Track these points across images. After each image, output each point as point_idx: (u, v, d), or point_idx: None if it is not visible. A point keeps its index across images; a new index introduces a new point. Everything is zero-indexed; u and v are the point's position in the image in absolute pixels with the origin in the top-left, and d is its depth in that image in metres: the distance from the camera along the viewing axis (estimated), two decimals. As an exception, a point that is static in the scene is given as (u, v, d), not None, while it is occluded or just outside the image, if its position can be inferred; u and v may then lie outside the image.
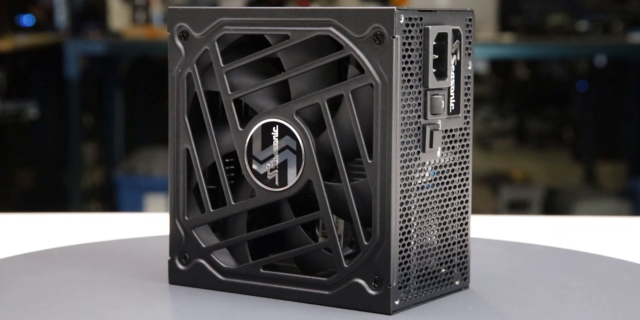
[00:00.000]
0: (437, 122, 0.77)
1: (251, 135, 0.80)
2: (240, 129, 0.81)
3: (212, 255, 0.82)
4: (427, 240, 0.78)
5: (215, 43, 0.81)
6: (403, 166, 0.75)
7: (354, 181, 0.76)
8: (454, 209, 0.80)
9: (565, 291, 0.83)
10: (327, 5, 3.47)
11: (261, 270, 0.80)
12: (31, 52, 3.74)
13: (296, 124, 0.78)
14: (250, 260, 0.81)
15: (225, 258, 0.82)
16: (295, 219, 0.79)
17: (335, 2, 3.52)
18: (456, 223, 0.81)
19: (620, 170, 3.98)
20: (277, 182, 0.79)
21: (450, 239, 0.80)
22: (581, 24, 3.66)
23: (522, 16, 3.85)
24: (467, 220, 0.82)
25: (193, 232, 0.83)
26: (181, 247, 0.84)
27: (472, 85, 0.80)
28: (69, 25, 3.68)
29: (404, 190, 0.76)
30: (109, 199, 3.61)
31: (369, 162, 0.75)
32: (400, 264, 0.76)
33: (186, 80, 0.83)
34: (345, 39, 0.75)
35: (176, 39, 0.83)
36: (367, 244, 0.75)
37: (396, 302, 0.76)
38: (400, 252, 0.76)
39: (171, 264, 0.84)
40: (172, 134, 0.84)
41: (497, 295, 0.81)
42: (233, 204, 0.82)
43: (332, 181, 0.78)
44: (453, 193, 0.80)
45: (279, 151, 0.79)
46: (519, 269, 0.90)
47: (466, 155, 0.81)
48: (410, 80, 0.75)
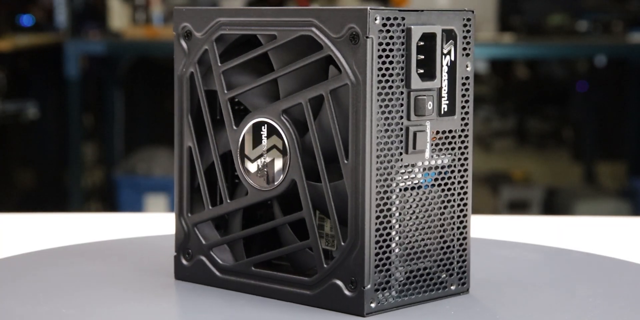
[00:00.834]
0: (424, 124, 0.76)
1: (243, 134, 0.81)
2: (234, 128, 0.81)
3: (211, 252, 0.83)
4: (417, 242, 0.77)
5: (214, 43, 0.82)
6: (380, 167, 0.74)
7: (337, 181, 0.76)
8: (452, 212, 0.79)
9: (565, 291, 0.83)
10: (324, 5, 3.47)
11: (252, 268, 0.81)
12: (31, 52, 3.74)
13: (282, 124, 0.78)
14: (245, 258, 0.82)
15: (225, 255, 0.83)
16: (282, 218, 0.80)
17: (334, 2, 3.52)
18: (454, 226, 0.80)
19: (620, 170, 3.98)
20: (266, 181, 0.80)
21: (448, 242, 0.79)
22: (581, 24, 3.66)
23: (522, 16, 3.85)
24: (467, 224, 0.81)
25: (195, 229, 0.84)
26: (185, 244, 0.84)
27: (471, 87, 0.79)
28: (69, 25, 3.68)
29: (383, 192, 0.75)
30: (109, 199, 3.61)
31: (345, 162, 0.75)
32: (377, 266, 0.75)
33: (189, 80, 0.83)
34: (325, 39, 0.75)
35: (180, 39, 0.83)
36: (343, 244, 0.75)
37: (372, 305, 0.75)
38: (377, 253, 0.75)
39: (176, 259, 0.85)
40: (177, 133, 0.84)
41: (494, 300, 0.80)
42: (229, 202, 0.82)
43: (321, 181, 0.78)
44: (450, 195, 0.79)
45: (267, 150, 0.79)
46: (519, 271, 0.90)
47: (465, 158, 0.80)
48: (389, 80, 0.74)
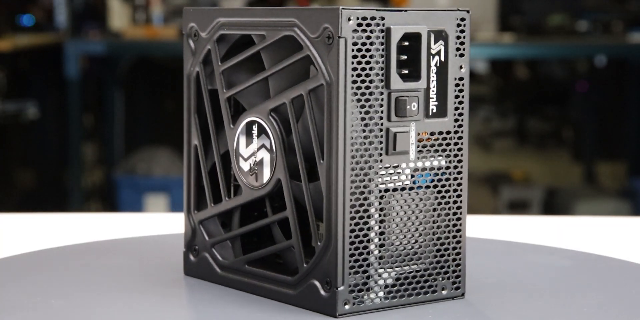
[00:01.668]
0: (407, 125, 0.75)
1: (238, 133, 0.81)
2: (231, 127, 0.82)
3: (213, 249, 0.84)
4: (407, 245, 0.77)
5: (215, 43, 0.82)
6: (356, 168, 0.74)
7: (317, 181, 0.76)
8: (445, 215, 0.78)
9: (564, 292, 0.83)
10: (324, 5, 3.47)
11: (246, 266, 0.81)
12: (31, 52, 3.74)
13: (270, 123, 0.79)
14: (241, 255, 0.82)
15: (227, 252, 0.83)
16: (271, 217, 0.80)
17: (335, 1, 3.52)
18: (447, 229, 0.78)
19: (620, 170, 3.98)
20: (256, 180, 0.80)
21: (440, 245, 0.78)
22: (581, 24, 3.66)
23: (522, 16, 3.85)
24: (461, 228, 0.79)
25: (200, 226, 0.85)
26: (192, 241, 0.85)
27: (466, 88, 0.78)
28: (69, 25, 3.68)
29: (359, 192, 0.74)
30: (109, 199, 3.61)
31: (321, 162, 0.75)
32: (352, 267, 0.74)
33: (195, 79, 0.84)
34: (305, 39, 0.75)
35: (188, 39, 0.84)
36: (319, 244, 0.75)
37: (346, 306, 0.74)
38: (352, 255, 0.74)
39: (185, 255, 0.86)
40: (185, 131, 0.85)
41: (486, 306, 0.79)
42: (227, 200, 0.83)
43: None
44: (442, 198, 0.78)
45: (257, 149, 0.80)
46: (517, 272, 0.90)
47: (459, 160, 0.78)
48: (366, 80, 0.74)
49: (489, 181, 3.75)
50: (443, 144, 0.78)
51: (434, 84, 0.77)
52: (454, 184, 0.78)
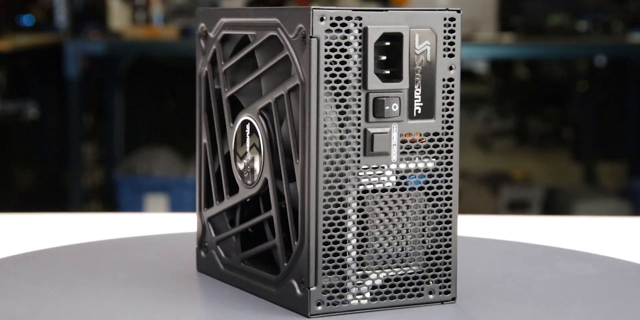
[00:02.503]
0: (388, 126, 0.75)
1: (235, 132, 0.81)
2: (231, 125, 0.82)
3: (218, 246, 0.84)
4: (393, 247, 0.76)
5: (219, 43, 0.83)
6: (330, 168, 0.73)
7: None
8: (434, 217, 0.77)
9: (563, 293, 0.83)
10: (325, 5, 3.46)
11: (242, 264, 0.82)
12: (31, 52, 3.74)
13: (259, 122, 0.79)
14: (239, 253, 0.83)
15: (231, 250, 0.84)
16: (259, 216, 0.80)
17: (335, 2, 3.52)
18: (436, 232, 0.77)
19: (620, 170, 3.98)
20: (249, 179, 0.80)
21: (428, 248, 0.77)
22: (581, 24, 3.67)
23: (522, 16, 3.85)
24: (451, 231, 0.77)
25: (209, 223, 0.85)
26: (202, 237, 0.86)
27: (456, 89, 0.77)
28: (69, 25, 3.69)
29: (334, 193, 0.74)
30: (109, 199, 3.61)
31: (297, 162, 0.75)
32: (326, 267, 0.74)
33: (205, 79, 0.85)
34: (285, 40, 0.75)
35: (200, 39, 0.85)
36: (296, 244, 0.75)
37: (318, 307, 0.74)
38: (326, 255, 0.74)
39: (197, 252, 0.87)
40: (197, 130, 0.85)
41: (474, 310, 0.78)
42: (227, 198, 0.84)
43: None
44: (429, 200, 0.77)
45: (249, 148, 0.80)
46: (515, 274, 0.90)
47: (448, 162, 0.77)
48: (341, 81, 0.73)
49: (489, 181, 3.75)
50: (430, 146, 0.76)
51: (418, 85, 0.76)
52: (443, 187, 0.77)
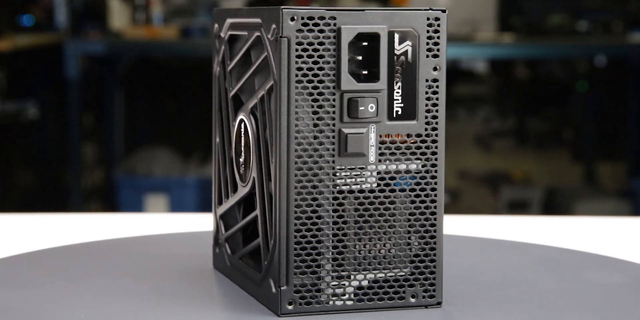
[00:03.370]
0: (365, 126, 0.74)
1: (236, 131, 0.82)
2: (233, 124, 0.83)
3: (226, 243, 0.85)
4: (361, 248, 0.75)
5: (227, 43, 0.83)
6: (302, 168, 0.73)
7: None
8: (418, 220, 0.76)
9: (563, 293, 0.83)
10: (325, 5, 3.47)
11: (240, 261, 0.82)
12: (31, 52, 3.74)
13: (250, 121, 0.79)
14: (240, 250, 0.83)
15: (236, 247, 0.85)
16: (249, 215, 0.81)
17: (335, 2, 3.52)
18: (419, 235, 0.76)
19: (620, 170, 3.98)
20: (243, 178, 0.81)
21: (410, 251, 0.76)
22: (581, 24, 3.67)
23: (522, 16, 3.85)
24: (436, 234, 0.76)
25: (221, 220, 0.86)
26: (216, 235, 0.87)
27: (441, 89, 0.75)
28: (69, 25, 3.68)
29: (306, 193, 0.73)
30: (109, 199, 3.61)
31: (272, 162, 0.75)
32: (298, 267, 0.74)
33: (217, 78, 0.86)
34: (265, 40, 0.75)
35: (215, 39, 0.86)
36: (272, 243, 0.75)
37: (289, 307, 0.74)
38: (298, 255, 0.74)
39: (212, 248, 0.88)
40: (213, 129, 0.86)
41: (456, 315, 0.76)
42: (232, 196, 0.84)
43: None
44: (411, 202, 0.75)
45: (244, 147, 0.80)
46: (514, 275, 0.90)
47: (432, 164, 0.75)
48: (314, 81, 0.73)
49: (489, 181, 3.75)
50: (412, 147, 0.75)
51: (399, 86, 0.75)
52: (427, 189, 0.76)
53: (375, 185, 0.75)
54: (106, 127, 3.72)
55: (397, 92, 0.75)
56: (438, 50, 0.75)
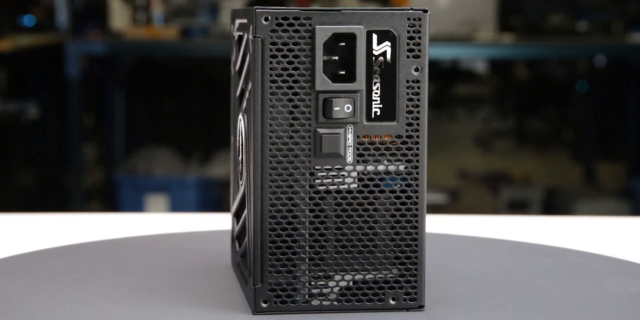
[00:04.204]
0: (342, 126, 0.74)
1: (238, 130, 0.82)
2: (237, 124, 0.83)
3: (235, 241, 0.85)
4: (343, 250, 0.75)
5: (237, 43, 0.84)
6: (277, 167, 0.73)
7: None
8: (396, 222, 0.75)
9: (561, 293, 0.83)
10: (325, 5, 3.47)
11: (241, 259, 0.82)
12: (31, 52, 3.74)
13: (243, 121, 0.79)
14: (240, 248, 0.84)
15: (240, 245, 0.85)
16: (243, 214, 0.81)
17: (336, 2, 3.52)
18: (399, 237, 0.75)
19: (620, 170, 3.98)
20: (241, 177, 0.81)
21: (390, 253, 0.75)
22: (581, 24, 3.67)
23: (522, 16, 3.86)
24: (419, 237, 0.75)
25: (234, 219, 0.86)
26: (232, 232, 0.87)
27: (423, 90, 0.74)
28: (70, 25, 3.69)
29: (281, 192, 0.73)
30: (109, 199, 3.61)
31: (248, 161, 0.75)
32: (273, 266, 0.74)
33: (233, 78, 0.86)
34: (249, 40, 0.76)
35: (231, 39, 0.86)
36: (246, 240, 0.76)
37: (263, 305, 0.74)
38: (273, 253, 0.74)
39: (231, 247, 0.88)
40: (231, 129, 0.87)
41: (441, 318, 0.75)
42: (238, 194, 0.84)
43: None
44: (391, 204, 0.75)
45: (240, 146, 0.81)
46: (512, 276, 0.90)
47: (413, 166, 0.74)
48: (288, 81, 0.73)
49: (489, 181, 3.75)
50: (392, 149, 0.75)
51: (377, 86, 0.74)
52: (408, 191, 0.75)
53: (354, 186, 0.74)
54: (106, 127, 3.72)
55: (376, 93, 0.74)
56: (419, 51, 0.74)
